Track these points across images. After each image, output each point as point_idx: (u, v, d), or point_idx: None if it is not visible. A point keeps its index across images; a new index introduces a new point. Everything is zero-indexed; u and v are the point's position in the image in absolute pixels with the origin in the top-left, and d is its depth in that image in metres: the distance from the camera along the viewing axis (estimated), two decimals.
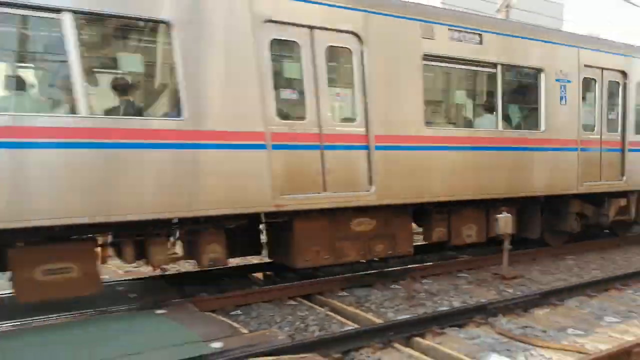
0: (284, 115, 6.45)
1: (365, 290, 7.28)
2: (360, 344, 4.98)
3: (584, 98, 9.48)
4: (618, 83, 9.98)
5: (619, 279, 7.43)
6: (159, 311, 5.62)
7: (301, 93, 6.56)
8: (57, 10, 5.05)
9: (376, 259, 8.55)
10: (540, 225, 9.50)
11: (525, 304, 6.28)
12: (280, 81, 6.55)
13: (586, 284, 7.11)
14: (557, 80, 8.97)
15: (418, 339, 5.18)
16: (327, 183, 6.61)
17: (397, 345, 5.02)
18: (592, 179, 9.52)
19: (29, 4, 4.94)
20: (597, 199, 9.93)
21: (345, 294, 7.14)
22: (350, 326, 5.58)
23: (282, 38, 6.35)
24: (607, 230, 11.37)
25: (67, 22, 5.08)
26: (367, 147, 6.91)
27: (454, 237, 8.34)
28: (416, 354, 4.81)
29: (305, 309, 6.45)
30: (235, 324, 5.30)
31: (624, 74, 9.98)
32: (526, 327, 5.62)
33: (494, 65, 8.17)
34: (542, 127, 8.80)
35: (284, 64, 6.84)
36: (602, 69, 9.71)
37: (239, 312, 6.30)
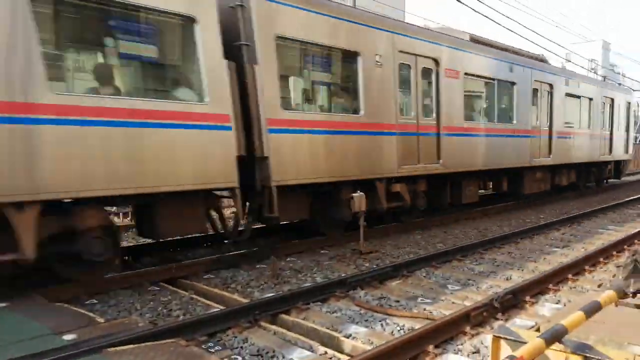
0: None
1: (231, 272, 7.25)
2: (226, 325, 4.96)
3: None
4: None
5: (459, 251, 8.33)
6: None
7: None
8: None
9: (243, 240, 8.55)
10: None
11: (380, 277, 6.75)
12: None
13: (432, 256, 7.84)
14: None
15: (283, 315, 5.31)
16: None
17: (263, 323, 5.09)
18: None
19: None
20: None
21: (211, 276, 7.04)
22: (216, 308, 5.52)
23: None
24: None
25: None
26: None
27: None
28: (282, 330, 4.92)
29: (168, 293, 6.22)
30: (90, 314, 4.92)
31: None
32: (382, 298, 6.06)
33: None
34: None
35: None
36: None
37: (94, 301, 5.88)
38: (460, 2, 13.72)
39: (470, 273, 7.28)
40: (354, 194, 8.20)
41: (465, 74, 11.33)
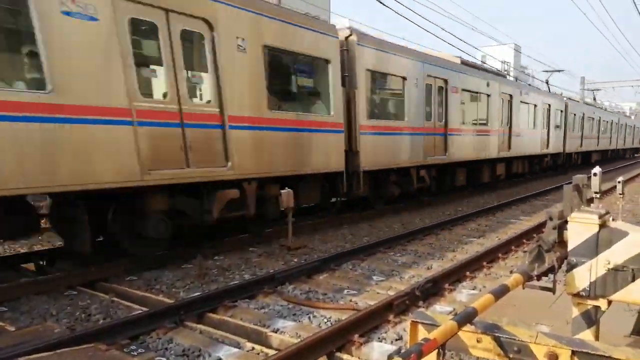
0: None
1: (155, 273, 7.03)
2: (150, 327, 4.81)
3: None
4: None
5: (384, 243, 8.59)
6: None
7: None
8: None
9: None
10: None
11: (308, 271, 6.83)
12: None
13: (358, 249, 8.04)
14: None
15: (210, 314, 5.24)
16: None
17: (189, 323, 4.99)
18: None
19: None
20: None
21: (133, 278, 6.79)
22: (139, 310, 5.34)
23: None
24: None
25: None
26: None
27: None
28: (208, 329, 4.85)
29: (86, 297, 5.93)
30: None
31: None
32: (309, 291, 6.13)
33: None
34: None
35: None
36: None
37: (4, 308, 5.49)
38: (382, 3, 14.07)
39: (394, 264, 7.53)
40: (282, 191, 8.24)
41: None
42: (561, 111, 25.65)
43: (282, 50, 9.05)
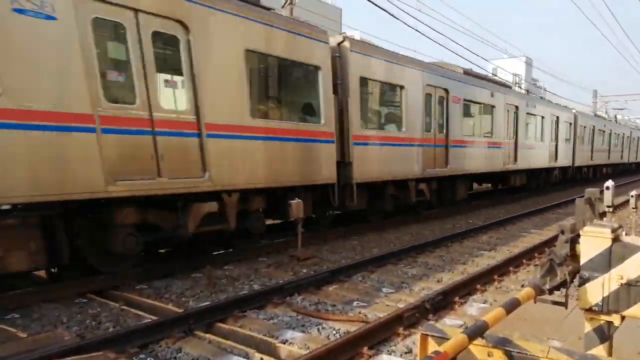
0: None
1: (165, 281, 7.05)
2: (159, 336, 4.83)
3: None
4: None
5: (393, 255, 8.55)
6: None
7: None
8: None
9: (177, 250, 8.35)
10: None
11: (317, 282, 6.81)
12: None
13: (368, 261, 8.01)
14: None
15: (219, 324, 5.24)
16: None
17: (198, 332, 5.00)
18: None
19: None
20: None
21: (143, 286, 6.81)
22: (148, 319, 5.36)
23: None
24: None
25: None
26: None
27: None
28: (217, 339, 4.85)
29: (96, 305, 5.97)
30: (11, 329, 4.65)
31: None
32: (318, 303, 6.11)
33: None
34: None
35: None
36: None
37: (16, 315, 5.53)
38: (393, 15, 14.16)
39: (404, 276, 7.49)
40: (291, 201, 8.23)
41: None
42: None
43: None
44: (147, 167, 6.56)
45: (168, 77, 7.38)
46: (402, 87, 11.98)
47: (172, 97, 7.38)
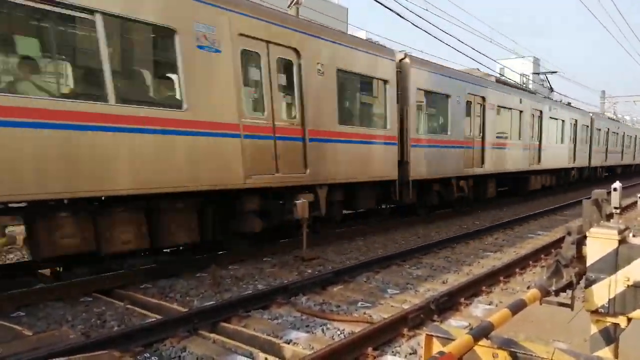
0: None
1: (170, 281, 7.07)
2: (164, 335, 4.83)
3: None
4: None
5: (398, 256, 8.52)
6: None
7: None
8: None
9: (183, 249, 8.38)
10: None
11: (322, 283, 6.80)
12: None
13: (372, 261, 7.99)
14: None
15: (224, 324, 5.23)
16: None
17: (202, 332, 5.00)
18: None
19: None
20: None
21: (148, 285, 6.83)
22: (153, 318, 5.37)
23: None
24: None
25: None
26: None
27: None
28: (221, 338, 4.85)
29: (102, 304, 5.98)
30: (17, 327, 4.66)
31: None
32: (323, 303, 6.10)
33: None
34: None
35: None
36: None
37: (21, 313, 5.57)
38: (402, 17, 14.13)
39: (409, 277, 7.46)
40: (296, 202, 8.26)
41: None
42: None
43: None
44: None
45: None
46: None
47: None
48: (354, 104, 11.18)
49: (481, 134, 15.30)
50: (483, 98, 15.27)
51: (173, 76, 7.24)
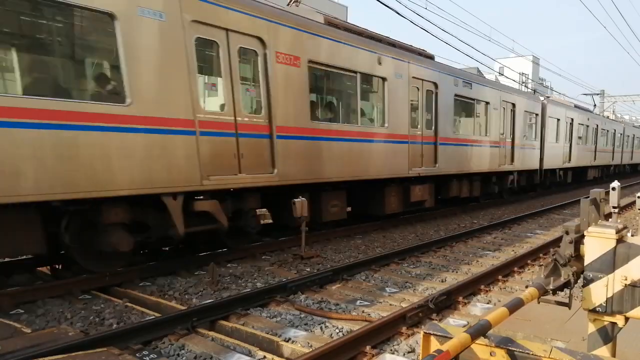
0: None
1: (169, 279, 7.08)
2: (162, 333, 4.84)
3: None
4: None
5: (397, 255, 8.53)
6: None
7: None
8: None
9: (182, 247, 8.38)
10: None
11: (320, 281, 6.81)
12: None
13: (371, 260, 7.99)
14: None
15: (222, 322, 5.24)
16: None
17: (201, 330, 5.01)
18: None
19: None
20: None
21: (147, 283, 6.84)
22: (152, 316, 5.38)
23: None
24: None
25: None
26: None
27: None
28: (220, 336, 4.86)
29: (101, 302, 5.99)
30: (16, 324, 4.67)
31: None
32: (322, 301, 6.11)
33: None
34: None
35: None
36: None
37: (20, 310, 5.57)
38: (401, 15, 14.14)
39: (408, 276, 7.47)
40: (295, 200, 8.22)
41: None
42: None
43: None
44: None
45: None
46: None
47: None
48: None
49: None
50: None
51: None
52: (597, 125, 27.75)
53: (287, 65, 8.51)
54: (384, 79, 10.91)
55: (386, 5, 12.08)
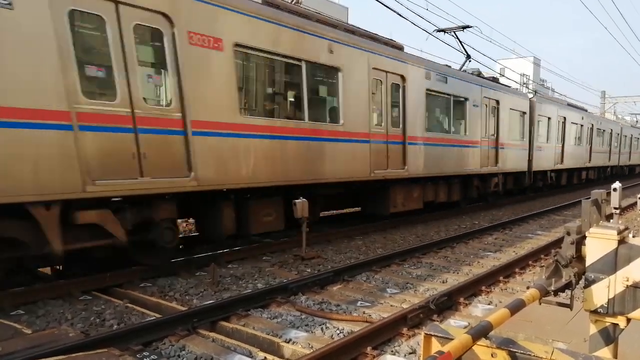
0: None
1: (169, 280, 7.07)
2: (163, 334, 4.84)
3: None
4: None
5: (398, 256, 8.52)
6: None
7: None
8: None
9: (182, 248, 8.37)
10: None
11: (321, 282, 6.80)
12: None
13: (372, 261, 7.98)
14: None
15: (223, 322, 5.24)
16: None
17: (201, 331, 5.00)
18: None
19: None
20: None
21: (147, 284, 6.83)
22: (152, 316, 5.37)
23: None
24: None
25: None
26: None
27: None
28: (221, 337, 4.85)
29: (101, 302, 5.98)
30: (16, 325, 4.67)
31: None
32: (322, 302, 6.10)
33: None
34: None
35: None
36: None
37: (21, 311, 5.57)
38: (402, 16, 14.14)
39: (409, 277, 7.46)
40: (296, 201, 8.20)
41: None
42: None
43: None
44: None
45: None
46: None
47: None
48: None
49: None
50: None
51: None
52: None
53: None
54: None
55: (386, 6, 12.07)
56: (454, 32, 16.71)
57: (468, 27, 16.69)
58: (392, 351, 4.62)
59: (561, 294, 2.93)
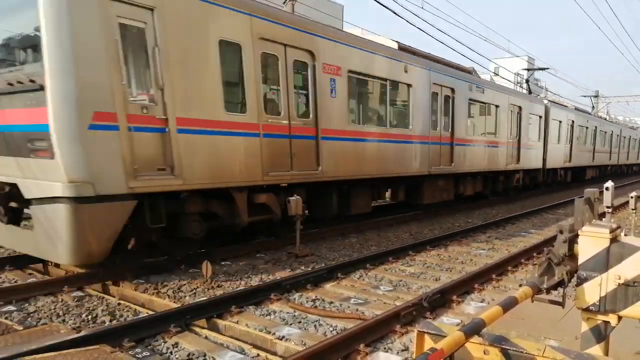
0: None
1: (162, 277, 7.04)
2: (155, 331, 4.82)
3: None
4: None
5: (392, 253, 8.53)
6: None
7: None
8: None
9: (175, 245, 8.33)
10: None
11: (315, 279, 6.80)
12: None
13: (365, 259, 7.99)
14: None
15: (216, 319, 5.23)
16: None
17: (194, 328, 4.99)
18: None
19: None
20: None
21: (140, 281, 6.80)
22: (145, 313, 5.35)
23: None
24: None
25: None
26: None
27: None
28: (213, 334, 4.85)
29: (94, 299, 5.96)
30: (7, 321, 4.64)
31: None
32: (316, 299, 6.10)
33: None
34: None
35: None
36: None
37: (12, 307, 5.53)
38: (398, 15, 14.14)
39: (402, 274, 7.48)
40: (290, 199, 8.23)
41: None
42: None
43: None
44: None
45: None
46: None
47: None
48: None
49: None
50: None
51: None
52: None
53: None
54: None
55: (382, 5, 12.07)
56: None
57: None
58: (385, 348, 4.63)
59: (553, 292, 2.94)
